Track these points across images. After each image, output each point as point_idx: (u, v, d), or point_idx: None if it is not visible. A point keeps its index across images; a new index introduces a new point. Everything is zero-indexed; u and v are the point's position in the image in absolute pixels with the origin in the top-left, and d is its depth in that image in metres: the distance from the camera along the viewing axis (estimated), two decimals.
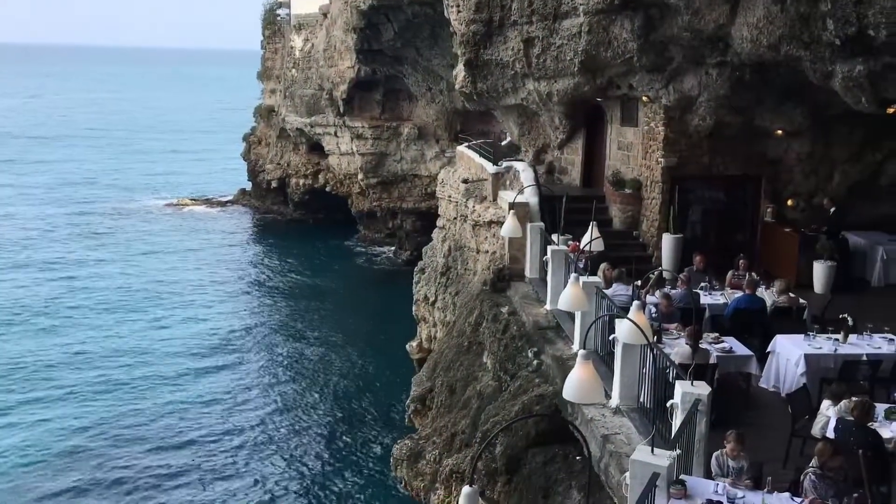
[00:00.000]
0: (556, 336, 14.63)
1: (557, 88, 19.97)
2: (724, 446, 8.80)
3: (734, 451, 8.61)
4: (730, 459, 8.61)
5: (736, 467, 8.55)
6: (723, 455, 8.69)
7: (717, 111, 17.11)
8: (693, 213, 19.26)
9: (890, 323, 13.16)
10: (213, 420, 25.41)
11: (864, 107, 13.75)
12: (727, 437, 8.77)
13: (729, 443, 8.65)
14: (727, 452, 8.65)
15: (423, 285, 24.81)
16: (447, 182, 25.01)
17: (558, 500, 11.49)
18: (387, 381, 28.15)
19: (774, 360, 12.48)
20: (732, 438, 8.70)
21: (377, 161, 44.29)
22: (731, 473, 8.47)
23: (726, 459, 8.63)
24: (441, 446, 15.46)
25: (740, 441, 8.69)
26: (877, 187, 18.49)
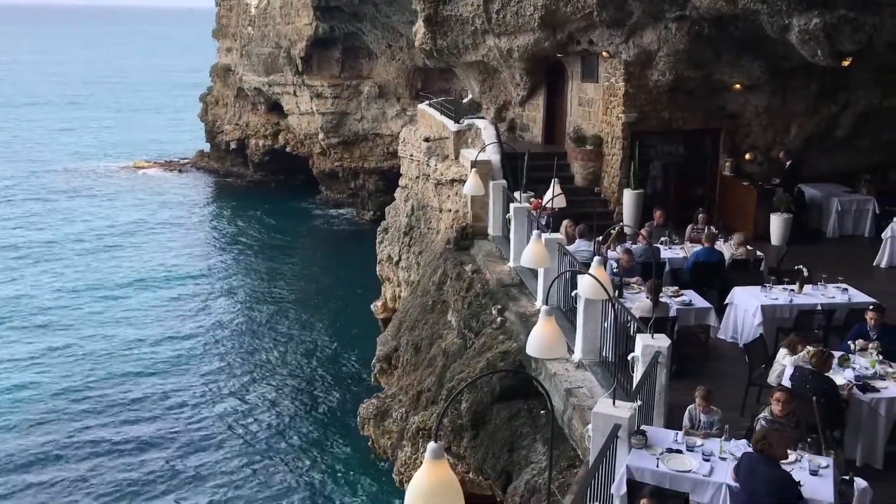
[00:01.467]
0: (519, 293, 14.76)
1: (518, 44, 19.83)
2: (695, 401, 8.98)
3: (704, 406, 8.78)
4: (702, 413, 8.80)
5: (707, 421, 8.73)
6: (695, 409, 8.88)
7: (676, 66, 17.14)
8: (653, 168, 19.41)
9: (843, 273, 13.48)
10: (174, 387, 25.24)
11: (821, 60, 13.87)
12: (696, 392, 8.95)
13: (698, 398, 8.82)
14: (698, 407, 8.83)
15: (387, 245, 24.77)
16: (409, 141, 24.84)
17: (523, 454, 11.71)
18: (352, 342, 28.20)
19: (732, 311, 12.72)
20: (700, 394, 8.86)
21: (338, 120, 43.77)
22: (702, 427, 8.65)
23: (698, 413, 8.82)
24: (407, 404, 15.62)
25: (706, 397, 8.86)
26: (832, 140, 18.75)
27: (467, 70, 24.17)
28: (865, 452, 9.26)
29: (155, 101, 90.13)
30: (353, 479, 20.60)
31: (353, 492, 20.12)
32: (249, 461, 21.34)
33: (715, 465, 7.84)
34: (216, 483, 20.34)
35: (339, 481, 20.54)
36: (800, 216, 18.04)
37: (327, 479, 20.64)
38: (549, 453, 6.73)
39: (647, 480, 7.65)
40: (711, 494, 7.59)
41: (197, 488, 20.11)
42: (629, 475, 7.75)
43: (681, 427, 8.71)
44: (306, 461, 21.45)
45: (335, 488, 20.28)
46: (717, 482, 7.60)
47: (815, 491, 7.38)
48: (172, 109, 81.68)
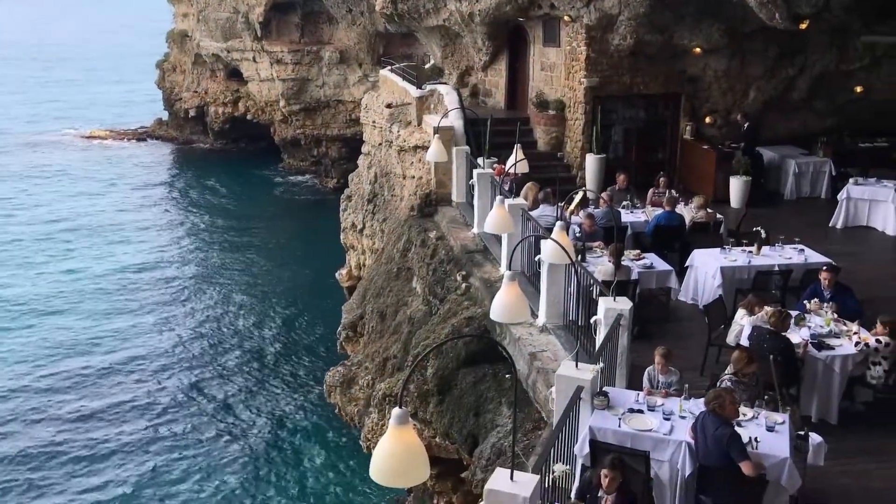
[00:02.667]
0: (483, 259, 14.82)
1: (479, 8, 19.69)
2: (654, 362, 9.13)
3: (663, 367, 8.92)
4: (660, 374, 8.94)
5: (666, 381, 8.88)
6: (654, 370, 9.02)
7: (637, 30, 17.17)
8: (615, 133, 19.51)
9: (800, 234, 13.74)
10: (136, 359, 24.98)
11: (778, 23, 13.98)
12: (656, 352, 9.09)
13: (658, 357, 8.97)
14: (657, 368, 8.98)
15: (351, 213, 24.66)
16: (371, 107, 24.62)
17: (489, 418, 11.86)
18: (317, 311, 28.12)
19: (693, 273, 12.91)
20: (660, 354, 9.00)
21: (299, 87, 43.16)
22: (660, 387, 8.81)
23: (657, 374, 8.96)
24: (373, 371, 15.69)
25: (666, 357, 9.00)
26: (790, 103, 18.98)
27: (429, 35, 23.97)
28: (821, 408, 9.52)
29: (108, 68, 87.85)
30: (320, 446, 20.70)
31: (320, 459, 20.22)
32: (216, 432, 21.31)
33: (675, 424, 8.01)
34: (180, 455, 20.29)
35: (306, 449, 20.63)
36: (758, 179, 18.29)
37: (294, 448, 20.71)
38: (513, 416, 6.82)
39: (610, 441, 7.79)
40: (671, 452, 7.77)
41: (160, 459, 20.04)
42: (592, 436, 7.89)
43: (642, 388, 8.88)
44: (273, 430, 21.47)
45: (302, 456, 20.37)
46: (676, 440, 7.78)
47: (771, 447, 7.58)
48: (127, 77, 79.70)
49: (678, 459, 7.75)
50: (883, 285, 13.51)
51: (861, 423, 9.42)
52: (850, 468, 8.54)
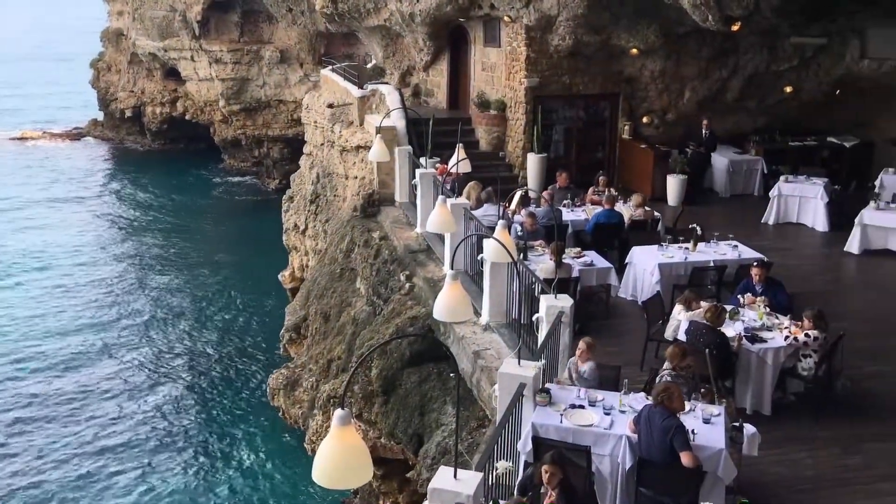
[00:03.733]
0: (427, 258, 14.86)
1: (420, 8, 19.71)
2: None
3: (583, 356, 9.04)
4: (580, 364, 9.06)
5: (581, 370, 9.00)
6: (575, 359, 9.13)
7: (575, 31, 17.40)
8: (556, 133, 19.74)
9: (734, 231, 14.13)
10: (72, 370, 24.30)
11: (711, 24, 14.32)
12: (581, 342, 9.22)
13: (582, 345, 9.10)
14: (578, 357, 9.10)
15: (293, 214, 24.45)
16: (312, 107, 24.45)
17: (434, 417, 11.89)
18: (260, 313, 27.79)
19: (632, 270, 13.16)
20: (585, 343, 9.13)
21: (239, 87, 42.56)
22: (579, 376, 8.93)
23: (577, 366, 9.08)
24: (317, 373, 15.59)
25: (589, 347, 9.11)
26: (723, 103, 19.47)
27: (370, 35, 23.91)
28: (755, 400, 9.80)
29: (38, 68, 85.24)
30: (265, 450, 20.46)
31: (264, 463, 19.99)
32: (156, 438, 20.88)
33: (615, 419, 8.15)
34: (118, 463, 19.83)
35: (251, 453, 20.37)
36: (694, 177, 18.75)
37: (238, 452, 20.43)
38: (456, 415, 6.87)
39: (552, 436, 7.89)
40: (612, 446, 7.90)
41: (95, 467, 19.57)
42: (534, 432, 7.98)
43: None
44: (216, 435, 21.15)
45: (246, 460, 20.11)
46: (617, 434, 7.92)
47: (707, 438, 7.77)
48: (59, 77, 77.45)
49: (619, 453, 7.89)
50: (811, 279, 14.03)
51: (793, 413, 9.73)
52: (783, 457, 8.81)
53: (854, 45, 18.03)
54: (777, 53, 18.42)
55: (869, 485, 8.33)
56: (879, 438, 9.14)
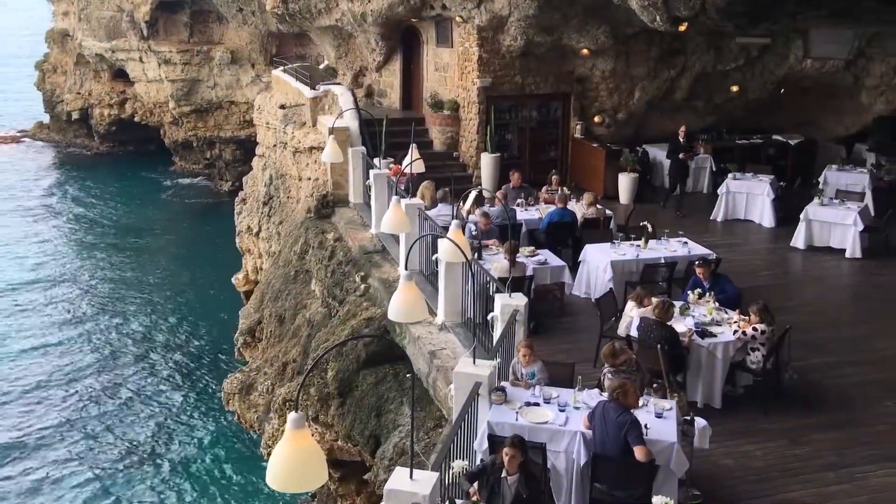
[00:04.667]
0: (382, 259, 14.82)
1: (371, 9, 19.66)
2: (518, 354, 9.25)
3: (527, 359, 9.08)
4: (522, 367, 9.10)
5: (528, 373, 9.05)
6: (517, 362, 9.16)
7: (527, 31, 17.53)
8: (509, 132, 19.88)
9: (684, 227, 14.38)
10: (22, 379, 23.69)
11: (659, 25, 14.53)
12: (519, 345, 9.24)
13: (523, 350, 9.13)
14: (520, 360, 9.12)
15: (246, 216, 24.18)
16: (264, 108, 24.21)
17: (390, 418, 11.86)
18: (214, 317, 27.41)
19: (585, 268, 13.31)
20: (524, 346, 9.16)
21: (189, 88, 41.94)
22: (523, 378, 8.98)
23: (519, 367, 9.12)
24: (273, 376, 15.44)
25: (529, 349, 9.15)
26: (672, 102, 19.80)
27: (322, 35, 23.78)
28: (705, 393, 9.98)
29: None
30: (220, 455, 20.22)
31: (220, 468, 19.75)
32: (111, 446, 20.49)
33: (570, 415, 8.23)
34: (72, 471, 19.42)
35: (206, 459, 20.11)
36: (645, 175, 19.05)
37: (193, 458, 20.15)
38: (411, 415, 6.87)
39: (507, 434, 7.93)
40: (567, 442, 7.98)
41: (49, 476, 19.13)
42: (490, 431, 8.02)
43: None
44: (170, 442, 20.82)
45: (201, 466, 19.84)
46: (571, 431, 8.00)
47: (660, 432, 7.89)
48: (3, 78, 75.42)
49: (574, 449, 7.97)
50: (759, 274, 14.36)
51: (742, 405, 9.93)
52: (733, 449, 8.99)
53: (797, 45, 18.50)
54: (723, 53, 18.79)
55: (815, 474, 8.54)
56: (825, 428, 9.39)
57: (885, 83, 18.37)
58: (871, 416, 9.68)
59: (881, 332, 12.02)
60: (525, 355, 9.03)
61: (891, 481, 8.38)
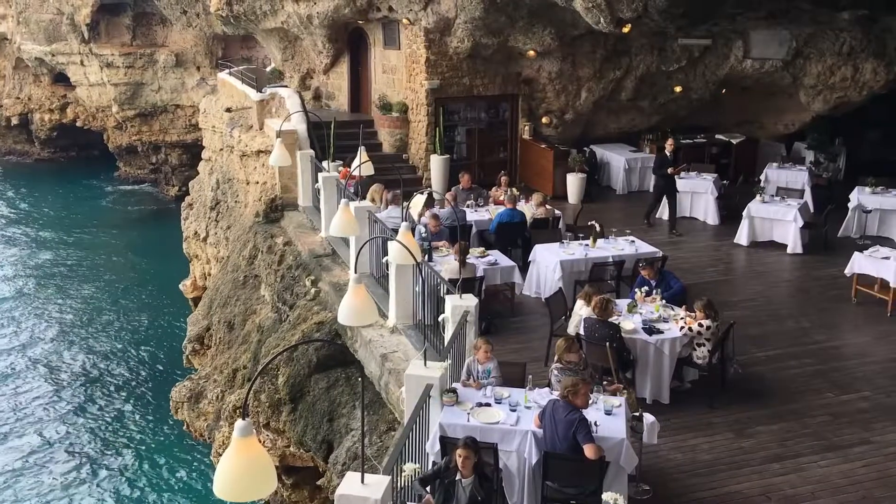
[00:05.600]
0: (332, 263, 14.74)
1: (317, 11, 19.54)
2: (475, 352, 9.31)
3: (484, 357, 9.14)
4: (479, 365, 9.16)
5: (483, 370, 9.11)
6: (474, 362, 9.22)
7: (473, 33, 17.60)
8: (458, 134, 19.95)
9: (631, 226, 14.58)
10: None
11: (604, 27, 14.75)
12: (477, 342, 9.30)
13: (484, 347, 9.19)
14: (476, 358, 9.18)
15: (193, 221, 23.82)
16: (210, 111, 23.89)
17: (343, 422, 11.81)
18: (161, 324, 26.90)
19: (535, 268, 13.40)
20: (484, 342, 9.23)
21: (132, 91, 41.12)
22: (478, 377, 9.03)
23: (476, 365, 9.17)
24: (223, 384, 15.24)
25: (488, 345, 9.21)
26: (618, 102, 20.07)
27: (268, 37, 23.55)
28: (654, 389, 10.13)
29: None
30: (170, 465, 19.83)
31: (169, 478, 19.37)
32: (55, 461, 19.93)
33: (521, 415, 8.28)
34: (12, 484, 18.85)
35: (154, 469, 19.69)
36: (592, 175, 19.27)
37: (142, 469, 19.71)
38: (361, 419, 6.84)
39: (459, 436, 7.94)
40: (518, 442, 8.03)
41: None
42: (442, 432, 8.03)
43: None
44: (117, 453, 20.34)
45: (151, 478, 19.43)
46: (522, 430, 8.05)
47: (609, 429, 7.99)
48: None
49: (525, 449, 8.02)
50: (704, 271, 14.66)
51: (690, 400, 10.10)
52: (681, 444, 9.15)
53: (737, 45, 18.91)
54: (666, 54, 19.12)
55: (760, 465, 8.73)
56: (769, 420, 9.61)
57: (821, 83, 18.88)
58: (812, 407, 9.94)
59: (820, 325, 12.37)
60: (486, 352, 9.07)
61: (831, 471, 8.62)
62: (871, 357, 11.35)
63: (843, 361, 11.20)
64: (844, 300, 13.29)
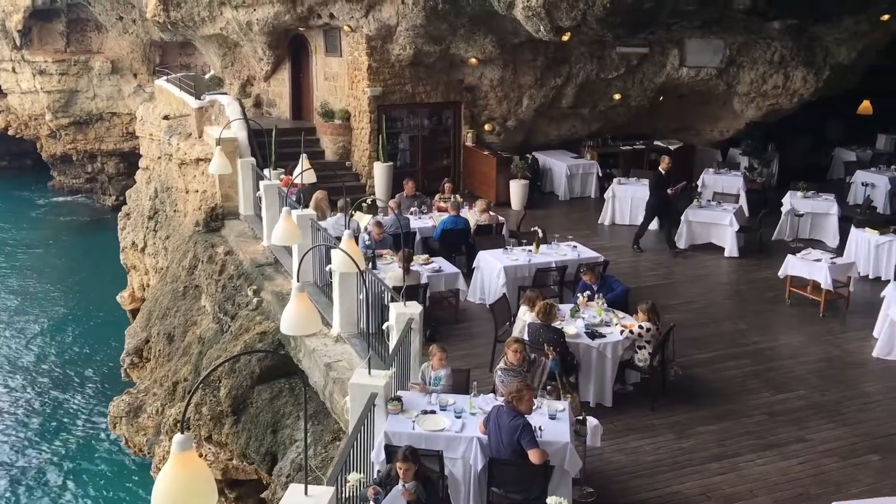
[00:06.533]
0: (275, 272, 14.56)
1: (257, 17, 19.33)
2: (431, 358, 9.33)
3: (441, 362, 9.15)
4: (432, 371, 9.17)
5: (435, 377, 9.12)
6: (428, 368, 9.23)
7: (415, 40, 17.62)
8: (401, 141, 19.93)
9: (573, 232, 14.74)
10: None
11: (544, 35, 14.91)
12: (432, 349, 9.32)
13: (440, 353, 9.20)
14: (432, 364, 9.19)
15: (130, 231, 23.29)
16: (147, 119, 23.41)
17: (287, 433, 11.65)
18: (98, 338, 26.21)
19: (479, 274, 13.45)
20: (440, 349, 9.24)
21: (67, 99, 40.11)
22: (431, 383, 9.04)
23: (429, 371, 9.18)
24: (163, 397, 14.92)
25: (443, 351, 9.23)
26: (559, 109, 20.31)
27: (207, 44, 23.20)
28: (597, 393, 10.24)
29: None
30: (109, 482, 19.30)
31: (109, 495, 18.85)
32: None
33: (466, 422, 8.27)
34: None
35: (93, 488, 19.15)
36: (535, 181, 19.46)
37: (79, 488, 19.15)
38: (304, 429, 6.75)
39: (404, 444, 7.90)
40: (464, 449, 8.02)
41: None
42: (387, 441, 7.98)
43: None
44: (54, 470, 19.74)
45: (89, 495, 18.89)
46: (468, 437, 8.04)
47: (553, 433, 8.03)
48: None
49: (470, 455, 8.01)
50: (645, 275, 14.90)
51: (632, 403, 10.24)
52: (624, 446, 9.27)
53: (673, 54, 19.33)
54: (605, 62, 19.42)
55: (701, 465, 8.89)
56: (708, 421, 9.80)
57: (754, 90, 19.42)
58: (749, 406, 10.18)
59: (757, 327, 12.68)
60: (441, 359, 9.07)
61: (768, 469, 8.83)
62: (805, 357, 11.68)
63: (779, 362, 11.49)
64: (779, 302, 13.65)
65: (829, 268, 12.99)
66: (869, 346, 11.90)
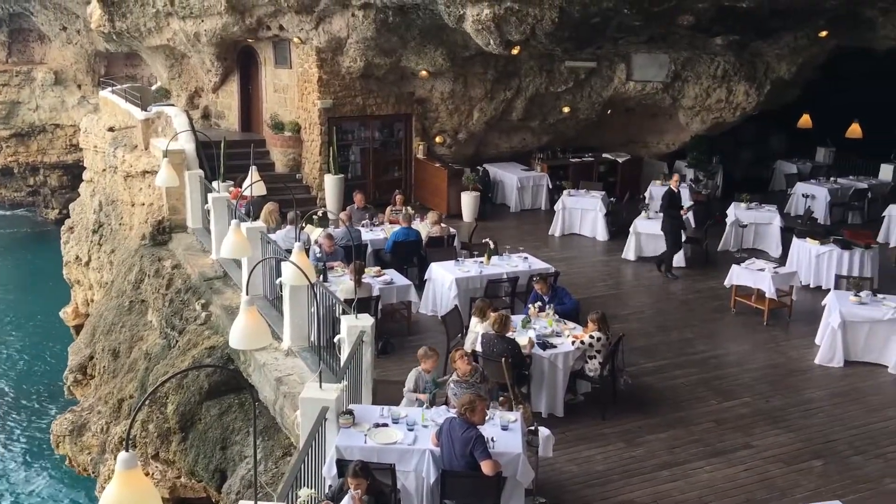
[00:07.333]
0: (224, 285, 14.37)
1: (205, 28, 19.11)
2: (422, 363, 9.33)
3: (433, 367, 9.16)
4: (426, 375, 9.18)
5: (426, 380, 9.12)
6: (420, 374, 9.22)
7: (366, 53, 17.61)
8: (352, 153, 19.88)
9: (524, 243, 14.84)
10: None
11: (493, 48, 15.04)
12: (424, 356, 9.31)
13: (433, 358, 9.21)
14: (425, 370, 9.19)
15: (74, 245, 22.77)
16: (91, 131, 22.96)
17: (237, 450, 11.47)
18: (40, 354, 25.49)
19: (431, 286, 13.44)
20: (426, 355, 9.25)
21: (8, 111, 39.19)
22: (426, 389, 9.03)
23: (423, 376, 9.18)
24: (108, 414, 14.57)
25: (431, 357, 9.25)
26: (509, 122, 20.48)
27: (153, 55, 22.86)
28: (548, 403, 10.29)
29: None
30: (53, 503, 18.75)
31: None
32: None
33: (419, 434, 8.24)
34: None
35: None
36: (486, 193, 19.56)
37: None
38: (253, 445, 6.65)
39: (357, 458, 7.84)
40: (416, 461, 7.98)
41: None
42: (339, 455, 7.90)
43: (387, 402, 9.05)
44: None
45: None
46: (420, 449, 8.01)
47: (506, 444, 8.04)
48: None
49: (423, 468, 7.98)
50: (594, 285, 15.06)
51: (583, 412, 10.32)
52: (575, 455, 9.33)
53: (620, 68, 19.66)
54: (554, 76, 19.66)
55: (651, 473, 9.00)
56: (658, 429, 9.93)
57: (699, 104, 19.86)
58: (697, 414, 10.34)
59: (703, 335, 12.91)
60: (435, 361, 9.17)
61: (716, 476, 8.97)
62: (751, 364, 11.92)
63: (725, 370, 11.71)
64: (724, 311, 13.93)
65: (773, 277, 13.30)
66: (811, 353, 12.20)
